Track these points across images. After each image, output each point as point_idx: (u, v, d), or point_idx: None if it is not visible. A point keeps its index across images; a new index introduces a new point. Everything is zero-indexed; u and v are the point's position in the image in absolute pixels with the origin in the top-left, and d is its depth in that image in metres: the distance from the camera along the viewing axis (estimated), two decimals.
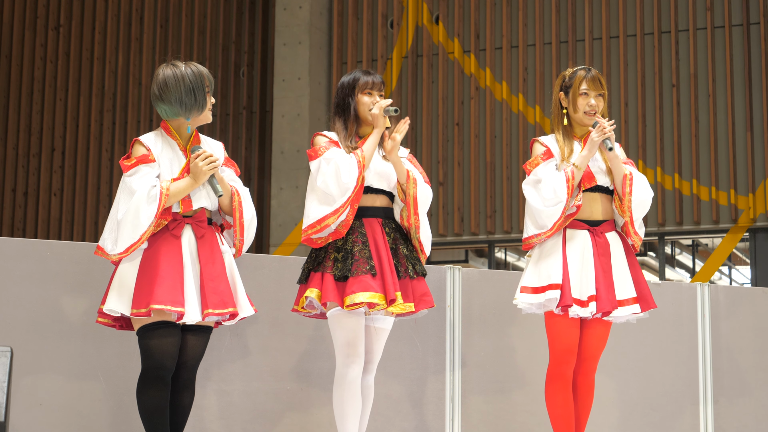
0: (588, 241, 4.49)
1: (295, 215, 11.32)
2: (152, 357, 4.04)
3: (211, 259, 4.13)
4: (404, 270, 4.39)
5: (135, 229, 4.02)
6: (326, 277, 4.30)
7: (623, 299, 4.50)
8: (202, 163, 4.10)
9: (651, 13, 11.09)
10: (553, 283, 4.43)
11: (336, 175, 4.30)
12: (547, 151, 4.55)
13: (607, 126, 4.46)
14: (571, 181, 4.44)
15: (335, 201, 4.29)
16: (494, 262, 11.58)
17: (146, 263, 4.05)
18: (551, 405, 4.50)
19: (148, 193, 4.04)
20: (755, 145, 10.63)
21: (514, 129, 11.33)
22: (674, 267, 13.44)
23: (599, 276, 4.46)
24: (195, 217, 4.16)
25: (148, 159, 4.13)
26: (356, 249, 4.31)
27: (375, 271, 4.28)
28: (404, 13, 11.80)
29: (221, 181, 4.21)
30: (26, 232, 12.66)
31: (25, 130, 12.88)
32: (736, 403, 5.67)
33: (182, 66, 4.19)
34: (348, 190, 4.29)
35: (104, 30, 12.77)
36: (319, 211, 4.31)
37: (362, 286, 4.24)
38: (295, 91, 11.63)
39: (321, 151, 4.37)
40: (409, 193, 4.42)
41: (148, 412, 4.04)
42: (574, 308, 4.40)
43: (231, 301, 4.11)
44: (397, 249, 4.43)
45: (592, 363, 4.57)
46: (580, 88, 4.51)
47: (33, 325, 4.64)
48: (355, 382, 4.30)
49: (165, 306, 3.95)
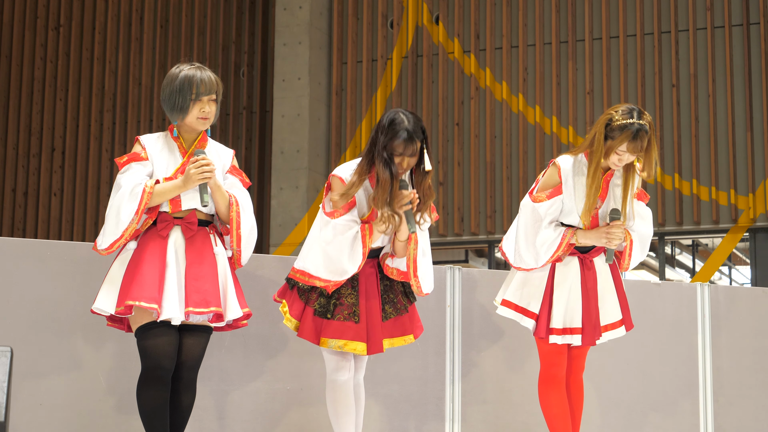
0: (577, 270, 4.50)
1: (295, 215, 11.32)
2: (149, 357, 4.05)
3: (198, 260, 4.10)
4: (402, 306, 4.41)
5: (117, 226, 4.04)
6: (307, 311, 4.30)
7: (608, 324, 4.55)
8: (195, 170, 4.06)
9: (651, 13, 11.09)
10: (531, 311, 4.49)
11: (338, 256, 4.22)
12: (557, 188, 4.44)
13: (615, 241, 4.42)
14: (560, 251, 4.43)
15: (332, 275, 4.24)
16: (494, 262, 11.58)
17: (132, 263, 4.07)
18: (546, 407, 4.52)
19: (132, 190, 4.03)
20: (755, 145, 10.63)
21: (514, 129, 11.33)
22: (674, 267, 13.44)
23: (585, 308, 4.49)
24: (185, 219, 4.13)
25: (140, 157, 4.13)
26: (344, 292, 4.30)
27: (358, 318, 4.26)
28: (404, 13, 11.80)
29: (217, 189, 4.15)
30: (26, 232, 12.66)
31: (25, 130, 12.87)
32: (736, 403, 5.67)
33: (185, 68, 4.16)
34: (346, 274, 4.24)
35: (104, 30, 12.77)
36: (314, 269, 4.27)
37: (339, 332, 4.24)
38: (295, 91, 11.63)
39: (336, 215, 4.24)
40: (410, 256, 4.32)
41: (148, 412, 4.05)
42: (555, 337, 4.44)
43: (215, 301, 4.07)
44: (392, 285, 4.42)
45: (579, 362, 4.61)
46: (620, 147, 4.32)
47: (33, 325, 4.64)
48: (347, 384, 4.32)
49: (140, 302, 3.95)
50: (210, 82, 4.17)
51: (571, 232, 4.43)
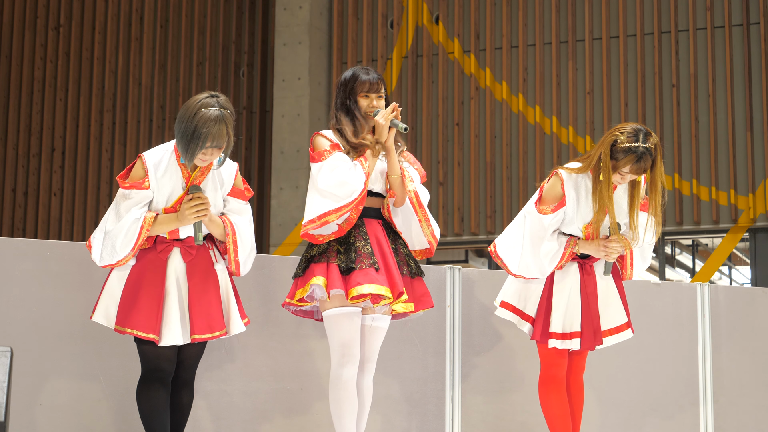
0: (576, 276, 4.51)
1: (295, 215, 11.32)
2: (149, 360, 4.10)
3: (201, 282, 4.14)
4: (407, 269, 4.40)
5: (112, 255, 4.09)
6: (331, 267, 4.28)
7: (613, 327, 4.56)
8: (189, 211, 4.08)
9: (651, 13, 11.09)
10: (527, 314, 4.52)
11: (341, 181, 4.25)
12: (561, 202, 4.45)
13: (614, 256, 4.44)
14: (563, 259, 4.46)
15: (339, 200, 4.25)
16: (494, 262, 11.56)
17: (131, 283, 4.11)
18: (546, 407, 4.52)
19: (130, 226, 4.06)
20: (755, 145, 10.63)
21: (514, 129, 11.33)
22: (674, 267, 13.43)
23: (584, 312, 4.50)
24: (185, 242, 4.16)
25: (142, 186, 4.10)
26: (359, 244, 4.30)
27: (378, 266, 4.27)
28: (404, 13, 11.80)
29: (211, 222, 4.15)
30: (26, 232, 12.66)
31: (25, 130, 12.87)
32: (736, 403, 5.67)
33: (203, 108, 4.01)
34: (355, 192, 4.25)
35: (104, 30, 12.77)
36: (321, 207, 4.26)
37: (368, 278, 4.22)
38: (295, 91, 11.63)
39: (324, 156, 4.31)
40: (410, 188, 4.39)
41: (148, 414, 4.06)
42: (554, 341, 4.45)
43: (219, 324, 4.13)
44: (397, 249, 4.43)
45: (580, 363, 4.61)
46: (623, 167, 4.33)
47: (33, 325, 4.64)
48: (350, 382, 4.29)
49: (139, 332, 4.03)
50: (220, 139, 4.01)
51: (573, 242, 4.46)
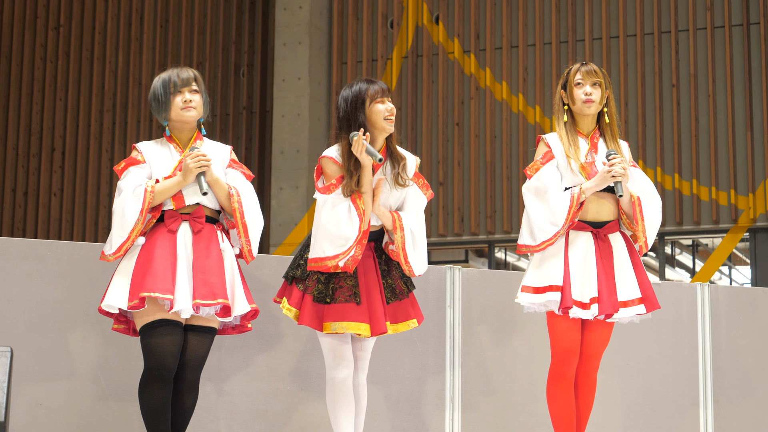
0: (591, 243, 4.50)
1: (295, 215, 11.32)
2: (153, 356, 4.06)
3: (205, 253, 4.15)
4: (400, 291, 4.40)
5: (123, 228, 4.10)
6: (306, 298, 4.30)
7: (627, 300, 4.51)
8: (191, 161, 4.14)
9: (651, 13, 11.09)
10: (553, 284, 4.44)
11: (337, 231, 4.25)
12: (547, 153, 4.56)
13: (618, 168, 4.44)
14: (573, 207, 4.45)
15: (336, 248, 4.24)
16: (494, 262, 11.58)
17: (142, 258, 4.11)
18: (552, 404, 4.50)
19: (133, 191, 4.12)
20: (755, 145, 10.63)
21: (514, 129, 11.33)
22: (674, 267, 13.44)
23: (601, 278, 4.46)
24: (192, 214, 4.19)
25: (137, 161, 4.23)
26: (342, 274, 4.30)
27: (359, 299, 4.27)
28: (404, 13, 11.80)
29: (215, 183, 4.22)
30: (26, 232, 12.66)
31: (25, 130, 12.88)
32: (736, 403, 5.67)
33: (168, 71, 4.30)
34: (349, 241, 4.24)
35: (104, 30, 12.77)
36: (321, 250, 4.28)
37: (341, 314, 4.23)
38: (295, 91, 11.63)
39: (331, 189, 4.31)
40: (397, 243, 4.36)
41: (149, 412, 4.05)
42: (575, 310, 4.40)
43: (222, 293, 4.11)
44: (389, 270, 4.42)
45: (593, 362, 4.57)
46: (575, 78, 4.56)
47: (33, 325, 4.64)
48: (345, 383, 4.31)
49: (155, 293, 3.99)
50: (186, 75, 4.26)
51: (577, 187, 4.48)
